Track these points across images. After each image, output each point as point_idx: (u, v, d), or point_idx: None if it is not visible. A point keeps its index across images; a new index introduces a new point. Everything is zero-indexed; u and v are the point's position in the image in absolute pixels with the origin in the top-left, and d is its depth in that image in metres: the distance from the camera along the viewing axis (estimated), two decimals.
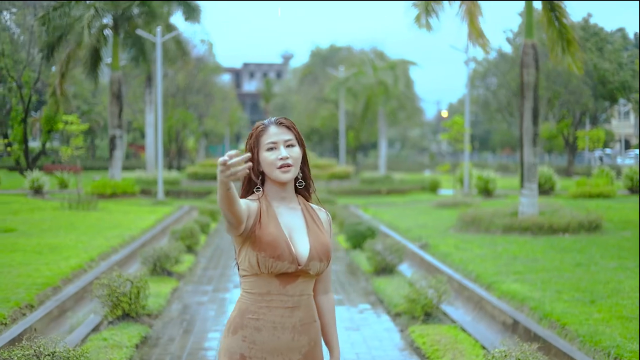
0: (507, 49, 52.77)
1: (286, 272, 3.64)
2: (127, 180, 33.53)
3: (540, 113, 43.76)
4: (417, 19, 20.05)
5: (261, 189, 3.79)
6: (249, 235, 3.65)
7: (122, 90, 34.05)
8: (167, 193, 33.39)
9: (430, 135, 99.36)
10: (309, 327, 3.71)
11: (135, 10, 33.45)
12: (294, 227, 3.74)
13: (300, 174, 3.81)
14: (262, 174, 3.76)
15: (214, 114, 64.67)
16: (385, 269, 13.66)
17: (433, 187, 39.74)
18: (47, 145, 51.54)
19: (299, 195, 3.86)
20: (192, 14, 37.54)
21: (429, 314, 9.96)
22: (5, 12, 56.49)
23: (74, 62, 33.12)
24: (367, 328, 10.01)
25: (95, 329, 9.63)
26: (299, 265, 3.65)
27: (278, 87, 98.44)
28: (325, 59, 76.10)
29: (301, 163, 3.79)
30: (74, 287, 11.67)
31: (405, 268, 14.40)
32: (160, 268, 13.38)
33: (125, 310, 9.76)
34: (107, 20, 33.18)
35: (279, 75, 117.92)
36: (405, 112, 60.21)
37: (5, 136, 42.98)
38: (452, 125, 31.61)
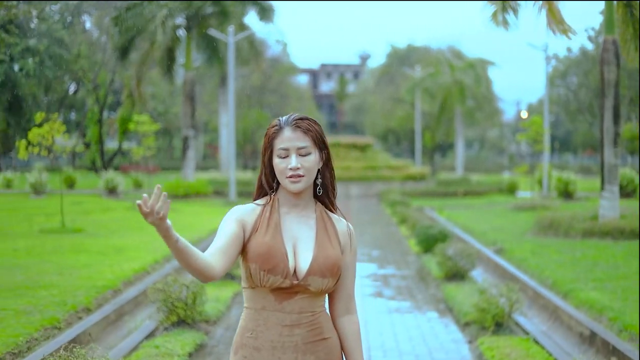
0: (589, 47, 51.42)
1: (281, 287, 3.26)
2: (200, 181, 33.47)
3: (622, 113, 42.45)
4: (494, 16, 19.38)
5: (274, 192, 3.43)
6: (245, 244, 3.33)
7: (196, 90, 34.00)
8: (240, 194, 33.18)
9: (510, 135, 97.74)
10: (316, 345, 3.32)
11: (208, 10, 33.35)
12: (301, 237, 3.37)
13: (320, 180, 3.44)
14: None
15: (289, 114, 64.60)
16: (456, 275, 13.07)
17: (511, 189, 38.84)
18: (125, 145, 52.03)
19: (319, 203, 3.46)
20: (265, 13, 37.31)
21: (500, 324, 9.37)
22: (85, 15, 57.23)
23: (149, 62, 33.18)
24: (433, 338, 9.46)
25: (151, 335, 9.29)
26: (295, 280, 3.26)
27: (355, 87, 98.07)
28: (402, 59, 75.38)
29: (323, 167, 3.41)
30: (135, 290, 11.40)
31: (478, 274, 13.80)
32: None
33: (181, 316, 9.40)
34: (180, 20, 33.15)
35: (356, 75, 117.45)
36: (482, 112, 59.21)
37: (84, 136, 43.45)
38: (530, 126, 30.73)
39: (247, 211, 3.40)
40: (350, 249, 3.43)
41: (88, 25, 58.53)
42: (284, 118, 3.40)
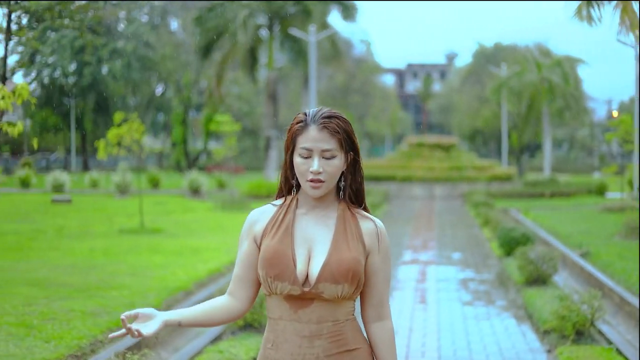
0: None
1: (293, 295, 3.02)
2: None
3: None
4: (578, 11, 18.71)
5: (295, 192, 3.19)
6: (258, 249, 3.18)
7: (279, 90, 33.94)
8: None
9: (600, 135, 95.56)
10: (341, 357, 3.07)
11: (290, 10, 33.24)
12: (318, 240, 3.11)
13: (343, 183, 3.17)
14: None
15: (374, 114, 64.25)
16: (537, 280, 12.54)
17: (600, 190, 37.75)
18: (211, 146, 52.37)
19: (343, 201, 3.18)
20: (348, 12, 37.05)
21: (581, 333, 8.87)
22: (171, 16, 57.89)
23: (230, 63, 33.25)
24: (509, 347, 9.02)
25: (217, 339, 9.07)
26: (306, 288, 3.00)
27: (441, 87, 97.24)
28: (489, 58, 74.35)
29: (350, 170, 3.15)
30: (206, 292, 11.24)
31: (561, 278, 13.25)
32: None
33: (247, 320, 9.17)
34: (262, 20, 33.11)
35: (442, 75, 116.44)
36: (571, 111, 57.89)
37: (170, 137, 43.88)
38: (619, 125, 29.75)
39: (259, 215, 3.21)
40: (379, 250, 3.14)
41: (174, 26, 59.28)
42: (311, 113, 3.11)
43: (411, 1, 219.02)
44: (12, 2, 48.53)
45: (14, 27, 52.98)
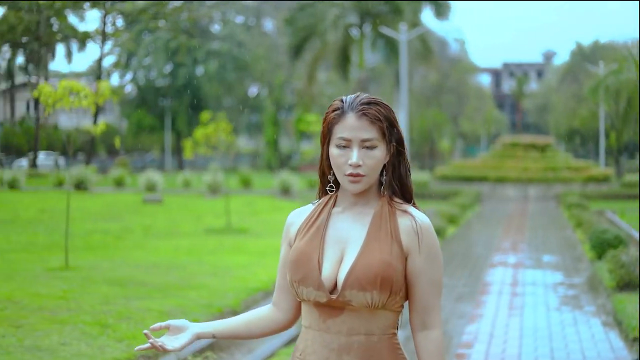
0: None
1: (321, 302, 2.72)
2: None
3: None
4: None
5: (334, 190, 2.87)
6: None
7: (371, 89, 33.71)
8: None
9: None
10: None
11: (382, 9, 32.96)
12: (352, 240, 2.77)
13: (385, 177, 2.81)
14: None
15: (468, 114, 63.48)
16: (629, 284, 12.01)
17: None
18: (304, 146, 52.47)
19: (385, 197, 2.82)
20: (441, 10, 36.62)
21: None
22: (265, 17, 58.21)
23: (322, 62, 33.20)
24: (595, 356, 8.59)
25: (292, 340, 8.90)
26: (333, 295, 2.69)
27: (538, 86, 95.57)
28: (586, 56, 72.70)
29: (392, 161, 2.81)
30: None
31: None
32: None
33: None
34: (353, 19, 32.91)
35: (539, 74, 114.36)
36: None
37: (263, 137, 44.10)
38: None
39: (295, 217, 2.94)
40: (420, 250, 2.74)
41: (269, 27, 59.64)
42: (349, 99, 2.80)
43: (507, 0, 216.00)
44: (107, 5, 49.61)
45: (109, 29, 54.22)
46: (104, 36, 50.04)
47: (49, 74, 48.96)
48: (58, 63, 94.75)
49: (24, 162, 51.61)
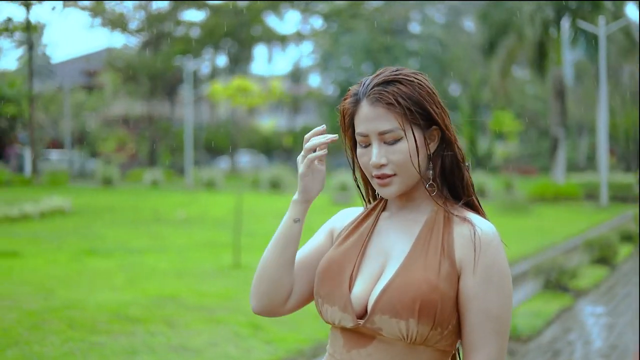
0: None
1: (346, 328, 2.15)
2: (570, 184, 31.76)
3: None
4: None
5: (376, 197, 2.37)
6: None
7: (569, 88, 32.36)
8: (614, 198, 30.91)
9: None
10: None
11: (581, 2, 31.54)
12: (395, 253, 2.18)
13: (431, 173, 2.19)
14: None
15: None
16: None
17: None
18: (498, 146, 51.27)
19: (441, 198, 2.23)
20: None
21: None
22: (464, 15, 57.43)
23: (516, 59, 32.19)
24: None
25: None
26: (360, 319, 2.12)
27: None
28: None
29: (439, 149, 2.20)
30: None
31: None
32: (555, 282, 11.73)
33: None
34: (550, 13, 31.69)
35: None
36: None
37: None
38: None
39: (344, 216, 2.40)
40: (475, 269, 2.08)
41: (468, 25, 58.72)
42: (367, 80, 2.22)
43: None
44: (304, 4, 50.29)
45: (307, 30, 54.94)
46: (300, 37, 50.81)
47: (250, 76, 50.18)
48: (258, 65, 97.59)
49: (223, 162, 53.13)
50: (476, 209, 2.23)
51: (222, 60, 57.95)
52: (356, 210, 2.41)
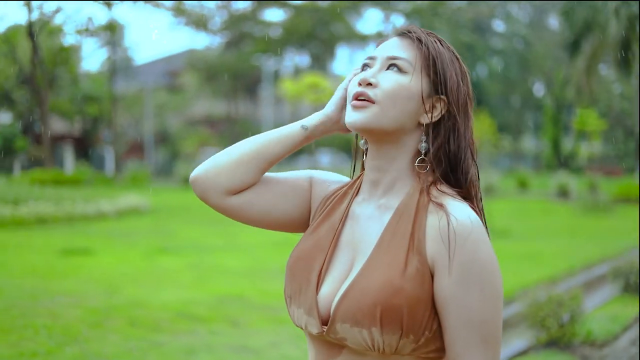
0: None
1: (315, 334, 1.83)
2: None
3: None
4: None
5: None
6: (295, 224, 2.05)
7: None
8: None
9: None
10: None
11: None
12: (365, 246, 1.84)
13: (424, 142, 1.84)
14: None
15: None
16: None
17: None
18: (582, 146, 50.19)
19: (424, 178, 1.84)
20: None
21: None
22: (551, 13, 56.40)
23: (600, 56, 31.36)
24: None
25: (519, 355, 8.06)
26: (323, 325, 1.80)
27: None
28: None
29: (442, 127, 1.84)
30: (519, 305, 10.20)
31: None
32: (634, 285, 11.25)
33: (553, 336, 8.04)
34: (635, 8, 30.74)
35: None
36: None
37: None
38: None
39: (326, 181, 2.02)
40: (450, 266, 1.71)
41: (552, 23, 57.66)
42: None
43: None
44: (385, 3, 49.98)
45: (389, 28, 54.51)
46: (383, 37, 50.47)
47: (330, 75, 50.10)
48: (340, 65, 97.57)
49: (302, 161, 53.08)
50: (469, 195, 1.85)
51: (305, 60, 58.09)
52: (335, 178, 2.05)
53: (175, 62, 54.07)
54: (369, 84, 1.81)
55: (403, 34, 1.88)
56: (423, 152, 1.84)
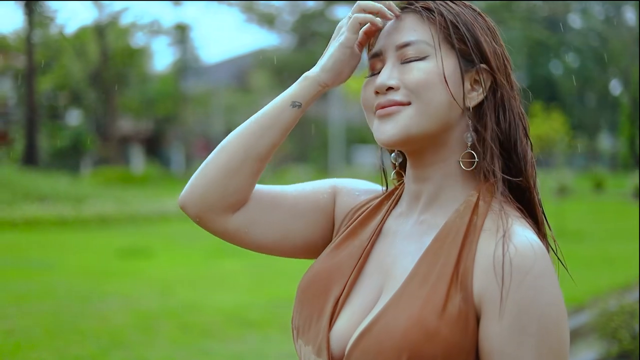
0: None
1: None
2: None
3: None
4: None
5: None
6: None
7: None
8: None
9: None
10: None
11: None
12: (398, 272, 1.44)
13: (470, 137, 1.45)
14: None
15: None
16: None
17: None
18: None
19: (483, 188, 1.45)
20: None
21: None
22: (627, 7, 55.11)
23: None
24: None
25: None
26: None
27: None
28: None
29: (490, 111, 1.45)
30: (589, 314, 9.69)
31: None
32: None
33: (625, 348, 7.53)
34: None
35: None
36: None
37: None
38: None
39: (356, 192, 1.67)
40: (502, 308, 1.32)
41: (629, 17, 56.33)
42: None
43: None
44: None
45: None
46: None
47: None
48: None
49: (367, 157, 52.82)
50: (534, 216, 1.47)
51: None
52: (366, 188, 1.69)
53: (244, 62, 54.12)
54: (390, 88, 1.45)
55: (405, 9, 1.51)
56: (469, 143, 1.46)
